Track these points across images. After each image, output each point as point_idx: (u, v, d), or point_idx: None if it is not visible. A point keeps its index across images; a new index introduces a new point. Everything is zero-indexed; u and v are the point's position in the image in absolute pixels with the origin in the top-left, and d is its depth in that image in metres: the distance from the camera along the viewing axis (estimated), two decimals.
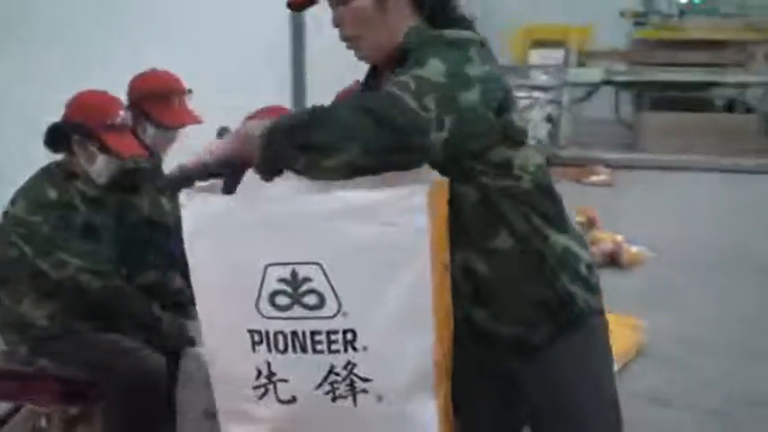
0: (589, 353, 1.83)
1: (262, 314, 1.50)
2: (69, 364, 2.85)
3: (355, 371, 1.49)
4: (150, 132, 3.08)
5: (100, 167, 2.85)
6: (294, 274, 1.48)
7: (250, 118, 2.87)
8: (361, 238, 1.46)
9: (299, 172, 1.48)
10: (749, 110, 11.54)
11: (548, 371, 1.79)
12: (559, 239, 1.77)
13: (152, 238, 3.10)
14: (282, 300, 1.49)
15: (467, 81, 1.57)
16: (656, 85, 11.44)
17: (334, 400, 1.51)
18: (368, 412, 1.51)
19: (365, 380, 1.50)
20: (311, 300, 1.48)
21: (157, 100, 3.07)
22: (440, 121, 1.48)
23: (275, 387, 1.53)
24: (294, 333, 1.49)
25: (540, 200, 1.76)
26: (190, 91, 3.20)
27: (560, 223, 1.80)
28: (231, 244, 1.50)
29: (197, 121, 3.12)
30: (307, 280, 1.48)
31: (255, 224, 1.48)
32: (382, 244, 1.46)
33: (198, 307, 1.58)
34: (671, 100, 11.46)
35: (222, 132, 1.60)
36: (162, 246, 3.08)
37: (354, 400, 1.51)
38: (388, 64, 1.76)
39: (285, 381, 1.52)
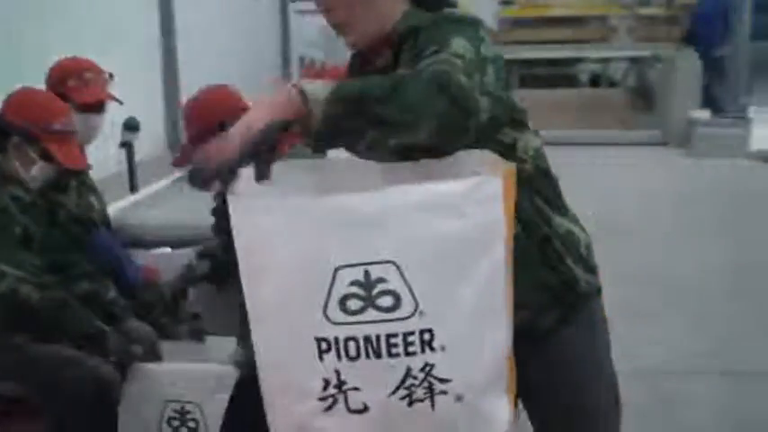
0: (591, 334, 1.83)
1: (330, 320, 1.40)
2: (8, 379, 2.62)
3: (433, 372, 1.41)
4: (77, 119, 2.88)
5: (36, 174, 2.63)
6: (367, 275, 1.38)
7: (193, 100, 2.72)
8: (438, 232, 1.38)
9: (354, 148, 1.40)
10: (613, 84, 12.04)
11: (552, 354, 1.77)
12: (562, 222, 1.76)
13: (81, 238, 2.92)
14: (354, 303, 1.39)
15: (485, 61, 1.54)
16: (522, 62, 11.77)
17: (410, 404, 1.43)
18: (447, 414, 1.44)
19: (444, 380, 1.42)
20: (386, 301, 1.39)
21: (77, 80, 2.90)
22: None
23: (345, 397, 1.43)
24: (367, 338, 1.39)
25: (541, 183, 1.74)
26: (111, 76, 3.03)
27: (560, 206, 1.79)
28: (294, 248, 1.38)
29: (115, 99, 3.00)
30: (381, 281, 1.38)
31: (321, 224, 1.37)
32: (458, 236, 1.39)
33: (253, 318, 1.45)
34: (538, 77, 11.81)
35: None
36: (92, 247, 2.90)
37: (432, 403, 1.43)
38: (375, 50, 1.70)
39: (357, 389, 1.42)
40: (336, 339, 1.40)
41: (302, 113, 1.38)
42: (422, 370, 1.41)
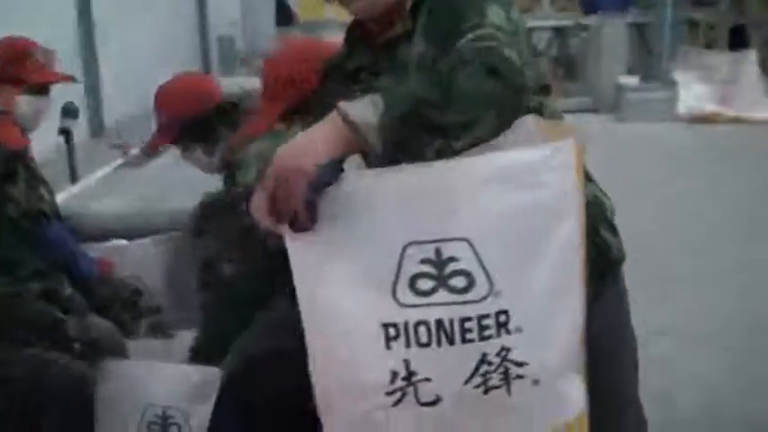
0: (622, 301, 1.79)
1: (399, 302, 1.28)
2: None
3: (510, 356, 1.31)
4: (24, 102, 2.67)
5: None
6: (438, 252, 1.26)
7: (163, 87, 2.57)
8: (513, 204, 1.27)
9: (423, 157, 1.29)
10: (537, 54, 12.10)
11: (590, 324, 1.71)
12: (589, 187, 1.69)
13: (31, 232, 2.72)
14: (425, 284, 1.27)
15: (518, 27, 1.47)
16: None
17: (486, 392, 1.32)
18: (523, 399, 1.34)
19: (521, 364, 1.32)
20: (459, 281, 1.27)
21: (23, 60, 2.67)
22: None
23: (416, 389, 1.31)
24: (439, 322, 1.28)
25: None
26: (53, 52, 2.83)
27: (585, 171, 1.72)
28: (360, 224, 1.26)
29: (69, 78, 2.80)
30: (452, 259, 1.27)
31: (390, 199, 1.25)
32: (535, 207, 1.29)
33: (305, 307, 1.32)
34: None
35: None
36: (44, 242, 2.71)
37: (509, 389, 1.33)
38: (384, 19, 1.59)
39: (428, 380, 1.30)
40: (406, 324, 1.28)
41: (357, 146, 1.24)
42: (497, 355, 1.30)
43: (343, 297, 1.29)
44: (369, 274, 1.27)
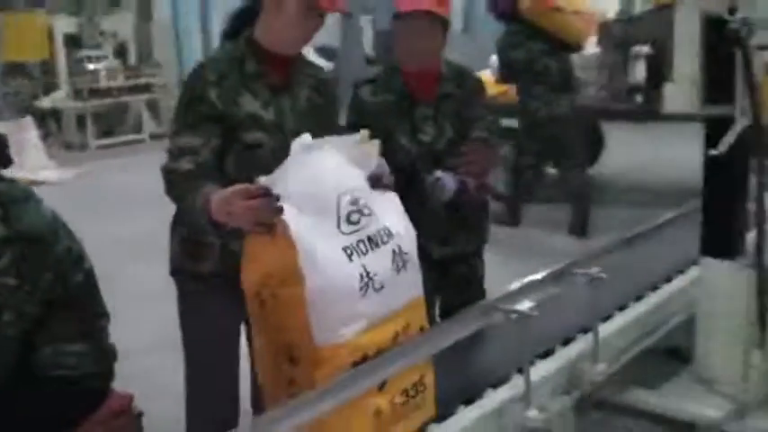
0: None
1: (343, 232, 2.11)
2: None
3: (401, 250, 2.23)
4: None
5: None
6: (355, 199, 2.16)
7: None
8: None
9: None
10: None
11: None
12: None
13: None
14: (355, 216, 2.14)
15: None
16: None
17: (398, 273, 2.21)
18: (409, 276, 2.26)
19: (406, 253, 2.25)
20: (367, 212, 2.18)
21: None
22: None
23: (372, 282, 2.13)
24: (369, 237, 2.15)
25: None
26: None
27: None
28: (310, 184, 2.07)
29: None
30: (360, 200, 2.18)
31: (327, 166, 2.11)
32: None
33: (302, 249, 2.00)
34: None
35: None
36: None
37: (405, 270, 2.24)
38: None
39: (376, 274, 2.14)
40: (353, 244, 2.11)
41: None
42: (398, 251, 2.22)
43: (318, 240, 2.07)
44: (324, 219, 2.09)
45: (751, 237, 3.11)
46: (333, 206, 2.10)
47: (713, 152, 2.93)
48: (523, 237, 6.70)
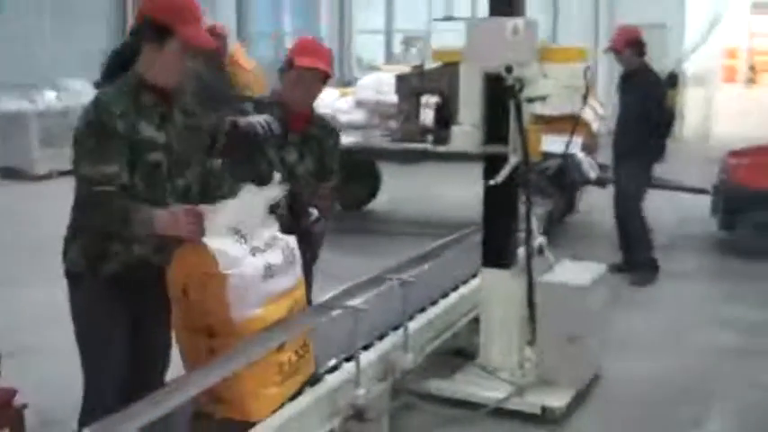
0: None
1: (250, 241, 2.57)
2: None
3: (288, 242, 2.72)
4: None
5: None
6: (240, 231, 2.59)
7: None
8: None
9: None
10: None
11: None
12: None
13: None
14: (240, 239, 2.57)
15: None
16: None
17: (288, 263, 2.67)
18: None
19: None
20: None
21: None
22: None
23: (271, 270, 2.53)
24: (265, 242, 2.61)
25: None
26: None
27: None
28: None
29: None
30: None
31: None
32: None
33: (220, 254, 2.38)
34: None
35: None
36: None
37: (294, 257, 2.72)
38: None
39: (274, 264, 2.56)
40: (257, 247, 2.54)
41: None
42: (288, 246, 2.68)
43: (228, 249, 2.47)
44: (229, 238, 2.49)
45: (521, 251, 3.86)
46: (235, 231, 2.48)
47: (491, 182, 3.65)
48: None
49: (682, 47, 14.63)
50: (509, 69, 3.47)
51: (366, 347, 3.16)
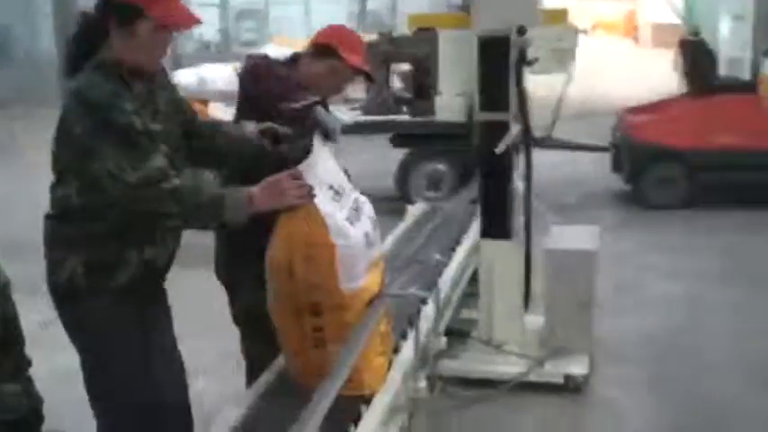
0: None
1: (342, 208, 2.34)
2: None
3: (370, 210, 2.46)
4: None
5: None
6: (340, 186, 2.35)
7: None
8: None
9: None
10: None
11: None
12: None
13: None
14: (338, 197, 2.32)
15: None
16: None
17: (374, 230, 2.40)
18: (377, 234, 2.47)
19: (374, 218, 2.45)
20: (346, 190, 2.37)
21: None
22: None
23: (370, 239, 2.35)
24: (354, 208, 2.38)
25: None
26: None
27: None
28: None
29: None
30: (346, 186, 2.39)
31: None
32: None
33: (333, 224, 2.21)
34: None
35: None
36: None
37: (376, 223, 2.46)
38: None
39: (370, 233, 2.38)
40: (349, 214, 2.29)
41: None
42: (371, 216, 2.42)
43: (335, 214, 2.24)
44: (330, 200, 2.26)
45: (519, 221, 3.76)
46: (333, 190, 2.29)
47: (495, 150, 3.51)
48: None
49: None
50: (522, 31, 3.33)
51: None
